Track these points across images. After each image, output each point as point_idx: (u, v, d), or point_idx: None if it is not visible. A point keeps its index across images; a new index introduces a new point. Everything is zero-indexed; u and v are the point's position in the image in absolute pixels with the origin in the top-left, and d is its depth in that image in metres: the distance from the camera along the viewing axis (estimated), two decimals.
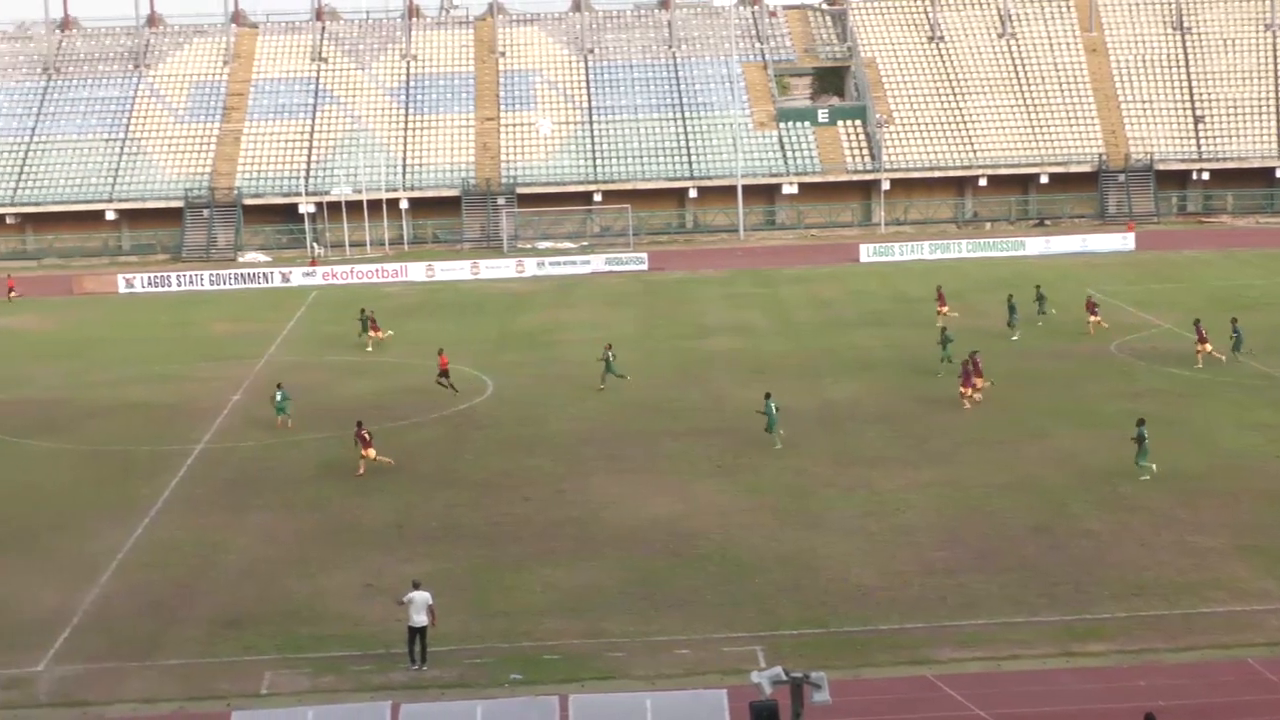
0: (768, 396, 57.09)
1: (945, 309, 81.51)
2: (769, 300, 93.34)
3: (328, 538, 47.16)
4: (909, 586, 41.14)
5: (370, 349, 78.85)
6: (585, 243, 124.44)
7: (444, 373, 67.11)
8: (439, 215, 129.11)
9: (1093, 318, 77.86)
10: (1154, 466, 50.78)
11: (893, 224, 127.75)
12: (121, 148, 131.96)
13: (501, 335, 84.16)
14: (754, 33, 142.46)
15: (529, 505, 50.02)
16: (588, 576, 42.66)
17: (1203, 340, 68.24)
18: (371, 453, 54.77)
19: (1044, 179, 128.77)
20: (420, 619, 36.79)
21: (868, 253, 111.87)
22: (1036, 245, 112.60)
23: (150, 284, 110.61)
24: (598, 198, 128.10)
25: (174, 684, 36.40)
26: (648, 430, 59.89)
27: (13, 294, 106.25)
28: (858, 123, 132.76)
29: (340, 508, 50.49)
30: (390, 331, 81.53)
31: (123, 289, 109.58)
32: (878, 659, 36.65)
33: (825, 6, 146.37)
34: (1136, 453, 51.05)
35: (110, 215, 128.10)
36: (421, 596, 36.98)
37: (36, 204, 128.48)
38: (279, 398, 62.53)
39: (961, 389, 61.99)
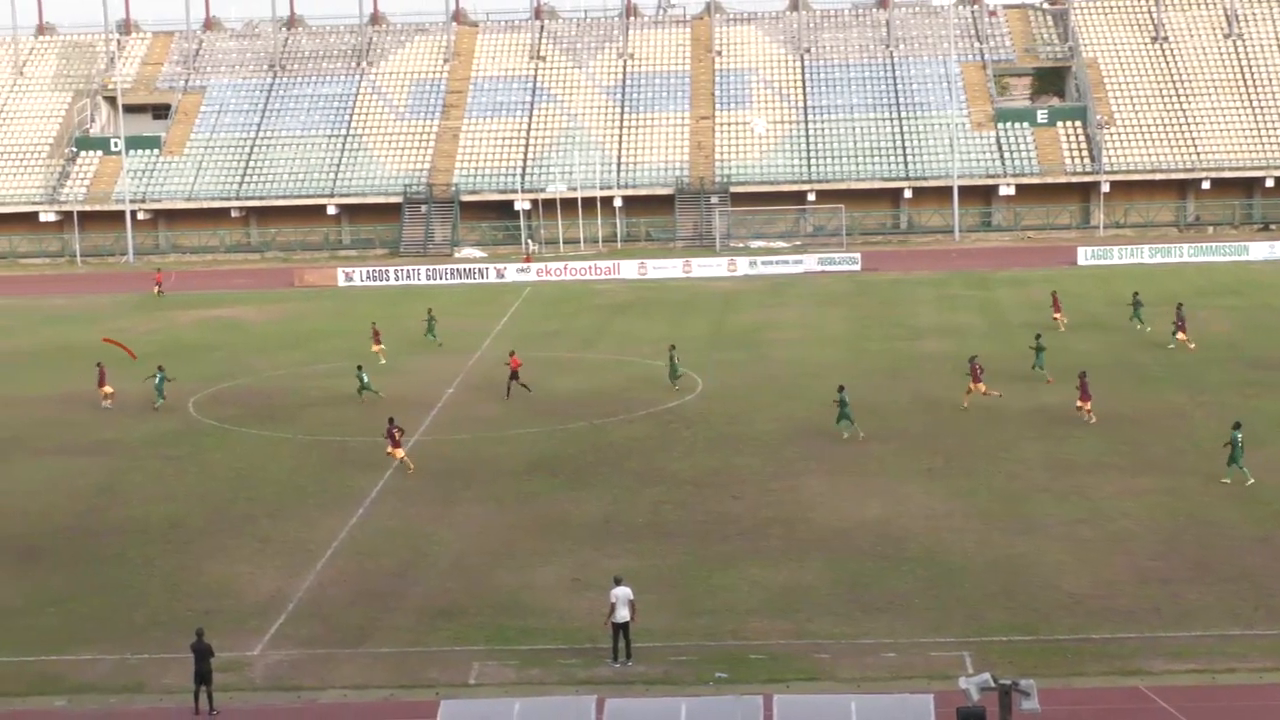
0: (841, 389, 57.25)
1: (1059, 315, 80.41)
2: (983, 302, 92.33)
3: (537, 532, 47.54)
4: (1122, 595, 40.39)
5: (383, 361, 77.01)
6: (798, 242, 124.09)
7: (514, 374, 67.34)
8: (652, 213, 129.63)
9: (1180, 335, 74.82)
10: (1246, 473, 50.17)
11: (1112, 227, 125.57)
12: (343, 144, 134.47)
13: (712, 334, 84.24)
14: (973, 32, 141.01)
15: (737, 504, 49.98)
16: (795, 577, 42.51)
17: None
18: (399, 452, 55.07)
19: (1270, 182, 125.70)
20: (623, 614, 36.94)
21: (1085, 256, 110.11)
22: (1261, 250, 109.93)
23: (368, 278, 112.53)
24: (811, 197, 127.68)
25: (384, 672, 36.97)
26: (866, 430, 59.48)
27: (160, 289, 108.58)
28: (1078, 123, 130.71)
29: (550, 502, 50.89)
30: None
31: (342, 282, 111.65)
32: (1088, 668, 36.04)
33: (1046, 6, 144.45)
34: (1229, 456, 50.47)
35: (331, 210, 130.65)
36: (623, 592, 37.12)
37: (261, 198, 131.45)
38: (158, 379, 65.71)
39: (1079, 404, 60.45)
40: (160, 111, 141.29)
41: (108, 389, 67.85)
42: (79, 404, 68.27)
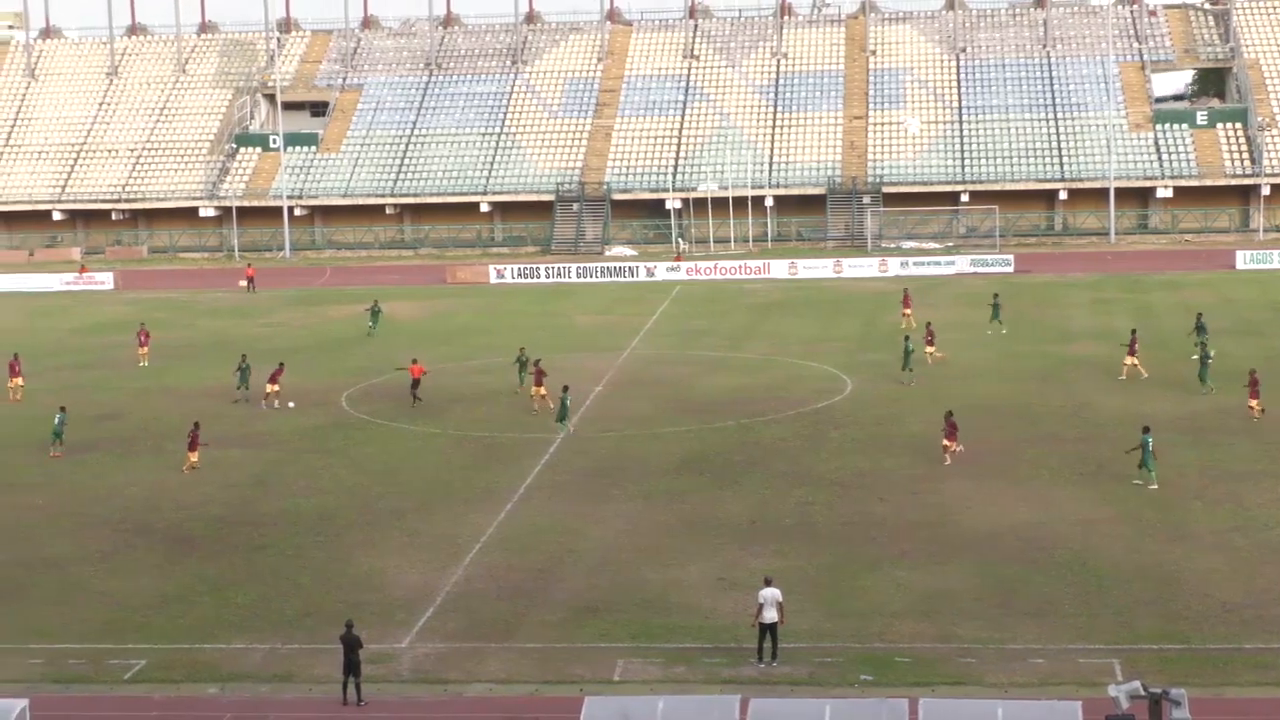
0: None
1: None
2: (1138, 306, 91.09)
3: (684, 530, 47.61)
4: (1276, 605, 39.66)
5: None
6: (950, 243, 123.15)
7: (416, 382, 67.51)
8: (804, 213, 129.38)
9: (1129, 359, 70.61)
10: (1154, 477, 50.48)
11: (1272, 231, 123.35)
12: (497, 142, 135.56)
13: (863, 335, 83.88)
14: (1132, 32, 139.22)
15: (884, 506, 49.74)
16: (941, 580, 42.23)
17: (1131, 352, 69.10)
18: (194, 457, 55.90)
19: None
20: (771, 615, 36.89)
21: (1244, 259, 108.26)
22: None
23: (520, 275, 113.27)
24: (965, 198, 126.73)
25: (530, 667, 37.20)
26: (1006, 434, 59.02)
27: (250, 284, 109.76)
28: (1238, 125, 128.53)
29: (697, 501, 50.93)
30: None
31: (494, 279, 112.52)
32: (1241, 678, 35.44)
33: (1207, 6, 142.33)
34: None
35: (484, 208, 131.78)
36: (771, 593, 37.07)
37: (415, 195, 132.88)
38: (58, 421, 60.00)
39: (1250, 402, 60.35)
40: (318, 109, 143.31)
41: (274, 387, 67.97)
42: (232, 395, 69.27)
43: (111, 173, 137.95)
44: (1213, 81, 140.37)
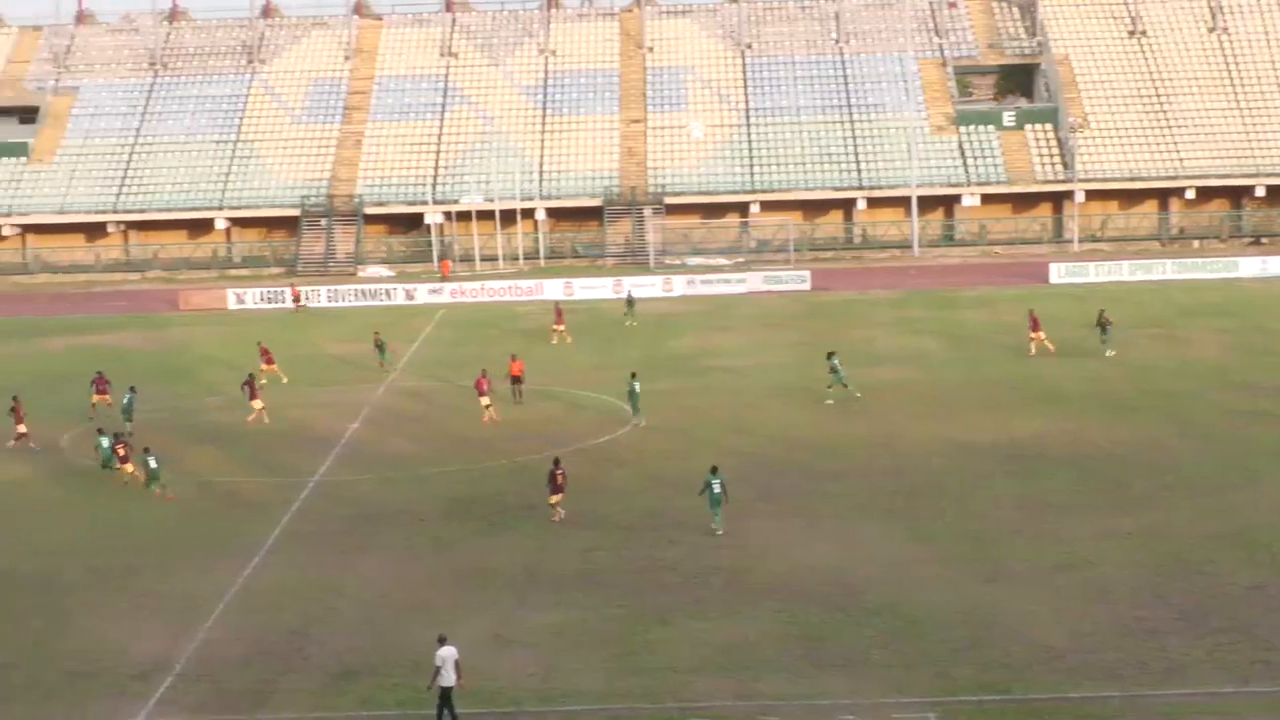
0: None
1: (1039, 335, 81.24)
2: (946, 325, 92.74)
3: (454, 582, 47.39)
4: (1103, 649, 40.53)
5: (285, 380, 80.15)
6: (741, 259, 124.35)
7: (516, 379, 69.86)
8: (579, 227, 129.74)
9: (1034, 334, 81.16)
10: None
11: (1087, 241, 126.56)
12: (233, 150, 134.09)
13: (647, 360, 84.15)
14: (931, 26, 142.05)
15: (676, 550, 49.94)
16: (741, 631, 42.49)
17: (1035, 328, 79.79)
18: (129, 468, 58.89)
19: (1260, 191, 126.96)
20: (451, 677, 36.87)
21: (1059, 273, 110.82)
22: (1251, 266, 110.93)
23: (263, 299, 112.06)
24: (755, 209, 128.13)
25: None
26: (809, 468, 59.64)
27: (300, 304, 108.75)
28: (1048, 127, 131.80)
29: (467, 549, 50.73)
30: (285, 378, 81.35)
31: (233, 304, 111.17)
32: None
33: None
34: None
35: (220, 224, 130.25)
36: (450, 652, 37.09)
37: (141, 210, 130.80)
38: (127, 400, 66.56)
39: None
40: (28, 115, 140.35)
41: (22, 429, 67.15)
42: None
43: None
44: (1019, 79, 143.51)
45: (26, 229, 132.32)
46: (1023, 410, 68.61)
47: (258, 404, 70.55)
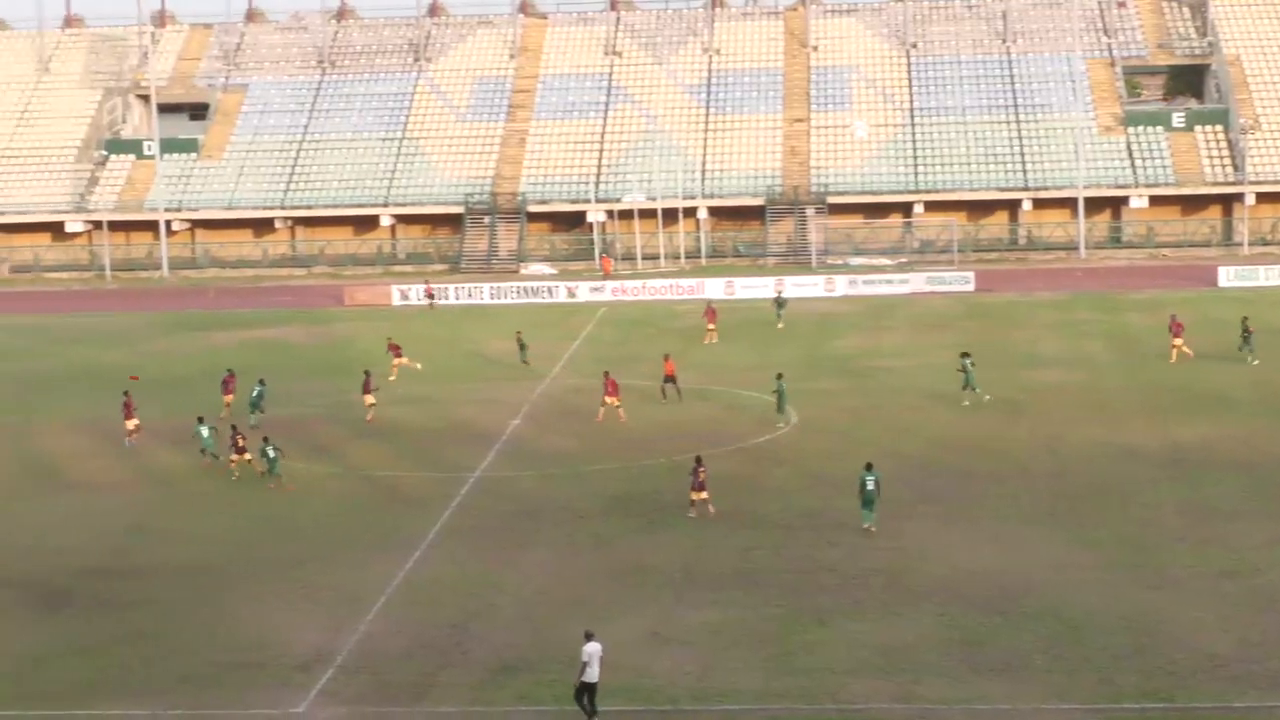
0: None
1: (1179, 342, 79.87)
2: (1111, 328, 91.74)
3: (612, 580, 47.48)
4: (1270, 658, 39.87)
5: (393, 378, 79.98)
6: (903, 259, 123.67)
7: (670, 379, 68.69)
8: (741, 225, 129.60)
9: (1176, 340, 80.00)
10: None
11: (1258, 244, 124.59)
12: (399, 148, 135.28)
13: (808, 360, 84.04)
14: (1100, 25, 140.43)
15: (835, 551, 49.76)
16: (900, 633, 42.24)
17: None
18: (246, 457, 60.54)
19: None
20: (595, 673, 36.92)
21: (1227, 276, 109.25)
22: None
23: (425, 296, 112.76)
24: (919, 209, 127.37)
25: None
26: (970, 471, 59.24)
27: (433, 301, 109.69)
28: (1219, 128, 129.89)
29: (626, 547, 50.83)
30: (418, 365, 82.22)
31: (396, 301, 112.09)
32: None
33: None
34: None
35: (385, 220, 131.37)
36: (595, 648, 37.16)
37: (307, 207, 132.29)
38: (256, 393, 69.04)
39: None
40: (198, 111, 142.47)
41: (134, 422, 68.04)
42: (109, 433, 68.69)
43: None
44: (1189, 80, 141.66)
45: (196, 224, 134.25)
46: (1188, 415, 67.70)
47: (369, 399, 71.18)
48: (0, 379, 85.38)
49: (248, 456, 60.63)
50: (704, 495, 53.81)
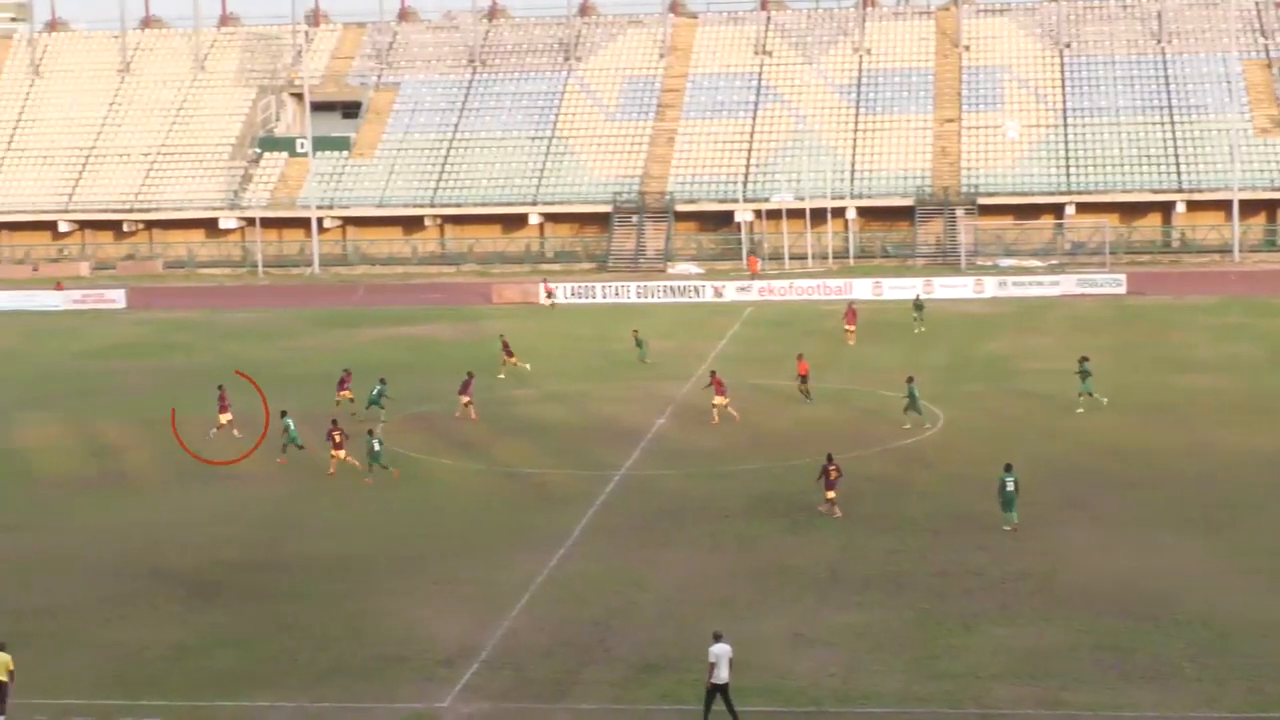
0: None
1: None
2: (1267, 333, 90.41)
3: (755, 580, 47.36)
4: None
5: (503, 375, 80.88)
6: (1054, 261, 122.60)
7: (804, 379, 68.07)
8: (889, 226, 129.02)
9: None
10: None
11: None
12: (548, 146, 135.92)
13: (957, 362, 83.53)
14: (1257, 26, 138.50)
15: (982, 555, 49.36)
16: (1047, 639, 41.82)
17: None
18: (342, 454, 60.47)
19: None
20: (724, 674, 36.70)
21: None
22: None
23: (573, 294, 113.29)
24: (1070, 210, 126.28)
25: None
26: (1118, 476, 58.61)
27: (552, 299, 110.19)
28: None
29: (770, 547, 50.71)
30: (527, 365, 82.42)
31: (543, 299, 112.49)
32: None
33: None
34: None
35: (533, 219, 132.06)
36: (724, 649, 36.95)
37: (457, 205, 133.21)
38: (376, 392, 68.97)
39: None
40: (350, 110, 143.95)
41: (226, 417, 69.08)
42: (257, 428, 69.44)
43: (123, 179, 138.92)
44: None
45: (347, 221, 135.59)
46: None
47: (465, 399, 71.39)
48: (154, 374, 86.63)
49: (344, 454, 61.06)
50: (831, 495, 53.68)
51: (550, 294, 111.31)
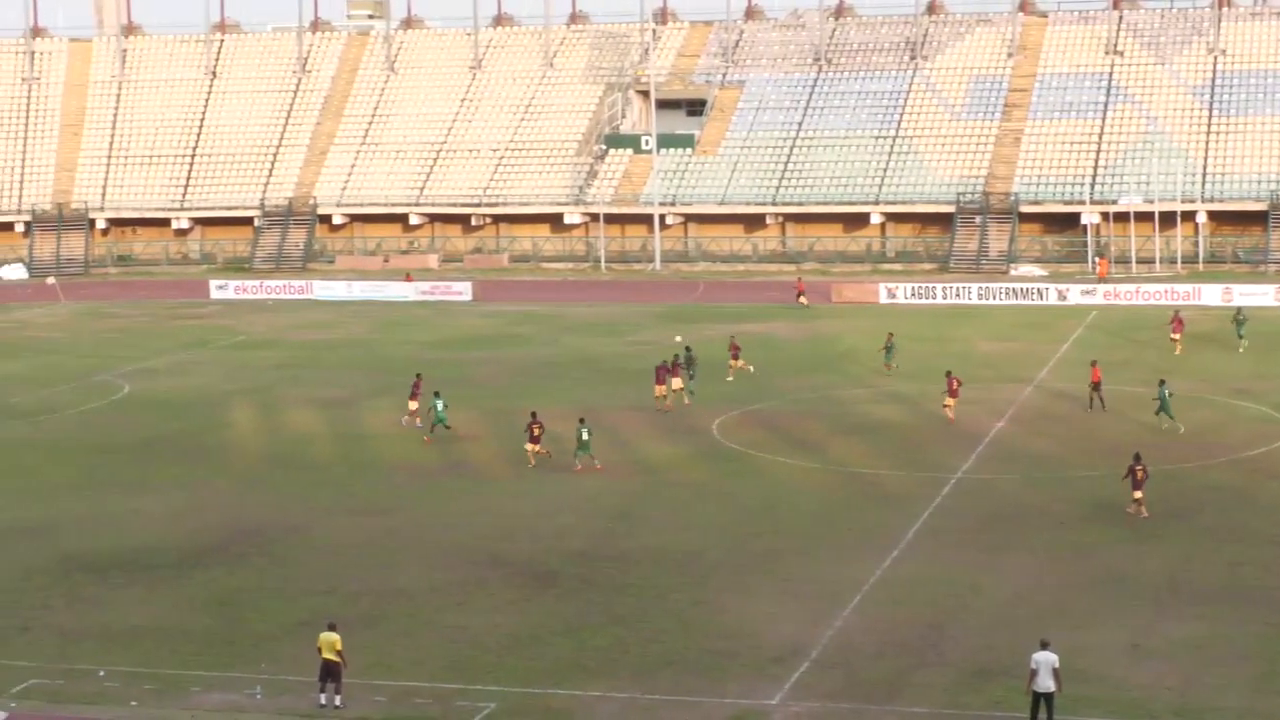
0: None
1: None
2: None
3: (1092, 588, 46.71)
4: None
5: (731, 379, 79.96)
6: None
7: (1096, 385, 67.16)
8: (1241, 230, 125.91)
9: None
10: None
11: None
12: (892, 146, 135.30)
13: None
14: None
15: None
16: None
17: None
18: (535, 447, 62.07)
19: None
20: (1048, 683, 36.12)
21: None
22: None
23: (913, 295, 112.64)
24: None
25: None
26: None
27: (803, 298, 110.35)
28: None
29: (1108, 556, 49.94)
30: (751, 368, 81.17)
31: (883, 299, 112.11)
32: None
33: None
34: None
35: (875, 218, 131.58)
36: (1047, 657, 36.31)
37: (799, 204, 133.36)
38: (440, 407, 67.93)
39: None
40: (695, 107, 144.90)
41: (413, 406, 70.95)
42: (599, 420, 70.35)
43: (472, 174, 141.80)
44: None
45: (689, 218, 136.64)
46: None
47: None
48: (501, 366, 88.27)
49: (540, 447, 62.16)
50: (1138, 495, 52.96)
51: (801, 292, 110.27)
